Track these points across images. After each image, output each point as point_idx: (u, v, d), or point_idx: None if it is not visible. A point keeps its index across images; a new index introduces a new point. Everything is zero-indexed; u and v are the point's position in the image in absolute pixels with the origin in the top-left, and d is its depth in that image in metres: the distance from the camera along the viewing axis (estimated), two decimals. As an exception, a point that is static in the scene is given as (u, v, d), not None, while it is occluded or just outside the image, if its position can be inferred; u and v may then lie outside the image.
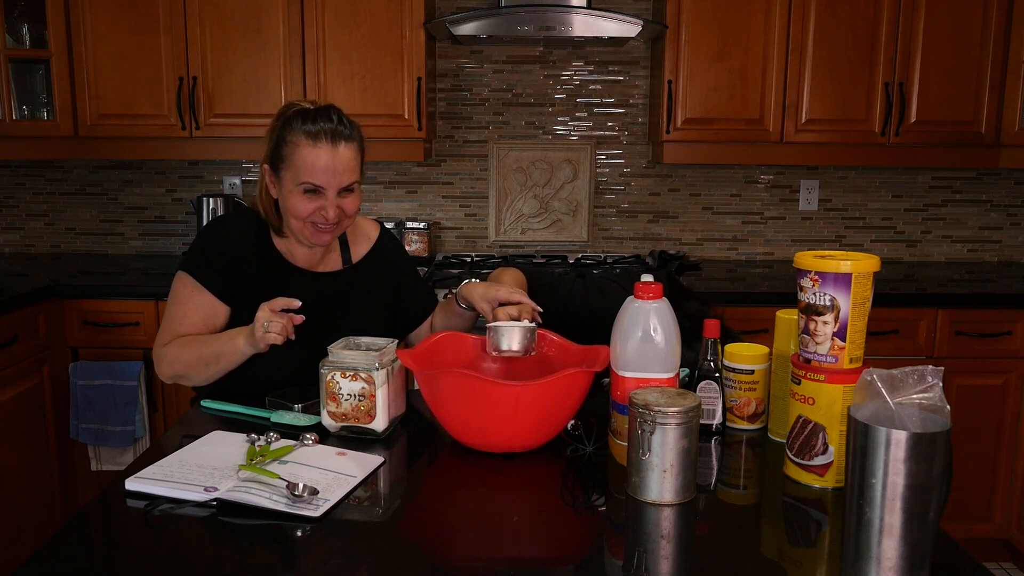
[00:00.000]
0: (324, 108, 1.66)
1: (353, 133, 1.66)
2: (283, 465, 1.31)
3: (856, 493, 1.02)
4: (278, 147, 1.65)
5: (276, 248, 1.75)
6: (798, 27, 2.95)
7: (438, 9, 3.26)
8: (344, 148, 1.63)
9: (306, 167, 1.61)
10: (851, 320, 1.23)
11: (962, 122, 3.01)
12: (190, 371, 1.64)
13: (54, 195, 3.42)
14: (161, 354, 1.67)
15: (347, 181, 1.64)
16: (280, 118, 1.68)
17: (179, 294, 1.69)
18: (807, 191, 3.39)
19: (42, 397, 2.72)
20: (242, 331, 1.58)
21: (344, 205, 1.65)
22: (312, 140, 1.61)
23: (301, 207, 1.63)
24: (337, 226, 1.67)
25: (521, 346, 1.51)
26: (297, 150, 1.61)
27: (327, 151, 1.61)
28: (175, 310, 1.69)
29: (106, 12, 2.94)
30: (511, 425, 1.35)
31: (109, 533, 1.17)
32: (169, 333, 1.68)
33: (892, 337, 2.78)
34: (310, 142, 1.61)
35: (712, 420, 1.49)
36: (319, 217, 1.64)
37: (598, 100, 3.36)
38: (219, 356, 1.60)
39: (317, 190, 1.62)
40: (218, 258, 1.69)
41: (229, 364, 1.61)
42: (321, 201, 1.62)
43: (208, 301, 1.67)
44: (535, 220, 3.40)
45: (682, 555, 1.11)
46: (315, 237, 1.67)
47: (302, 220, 1.64)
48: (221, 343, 1.61)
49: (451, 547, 1.12)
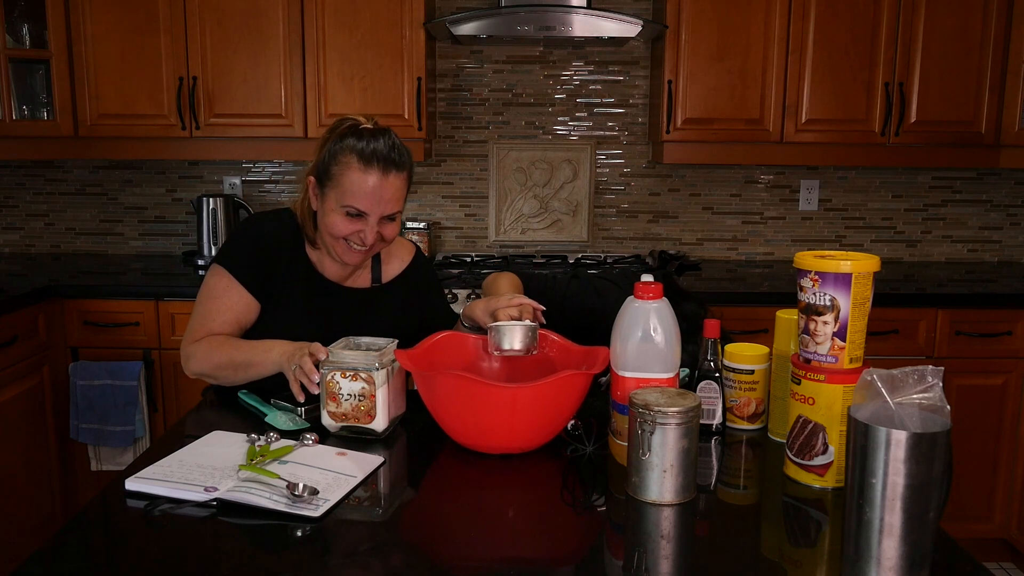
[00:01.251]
0: (380, 130, 1.63)
1: (404, 161, 1.63)
2: (283, 465, 1.31)
3: (856, 493, 1.02)
4: (327, 164, 1.61)
5: (308, 256, 1.73)
6: (798, 27, 2.95)
7: (438, 9, 3.26)
8: (394, 177, 1.60)
9: (352, 191, 1.58)
10: (851, 320, 1.23)
11: (962, 122, 3.01)
12: (219, 373, 1.62)
13: (54, 195, 3.42)
14: (192, 350, 1.64)
15: (391, 210, 1.61)
16: (333, 131, 1.65)
17: (213, 289, 1.67)
18: (807, 191, 3.39)
19: (42, 397, 2.72)
20: (277, 346, 1.56)
21: (384, 231, 1.63)
22: (364, 165, 1.57)
23: (340, 227, 1.60)
24: (370, 249, 1.65)
25: (523, 345, 1.51)
26: (347, 172, 1.58)
27: (376, 178, 1.57)
28: (209, 305, 1.66)
29: (106, 12, 2.94)
30: (508, 427, 1.35)
31: (109, 533, 1.17)
32: (201, 329, 1.65)
33: (892, 337, 2.78)
34: (361, 166, 1.57)
35: (712, 420, 1.49)
36: (356, 239, 1.62)
37: (598, 100, 3.36)
38: (250, 364, 1.58)
39: (360, 214, 1.60)
40: (254, 255, 1.67)
41: (259, 374, 1.59)
42: (361, 225, 1.60)
43: (243, 297, 1.65)
44: (535, 220, 3.40)
45: (682, 555, 1.11)
46: (346, 255, 1.65)
47: (337, 238, 1.63)
48: (255, 352, 1.58)
49: (451, 547, 1.12)
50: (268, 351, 1.56)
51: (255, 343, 1.61)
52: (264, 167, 3.39)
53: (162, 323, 2.78)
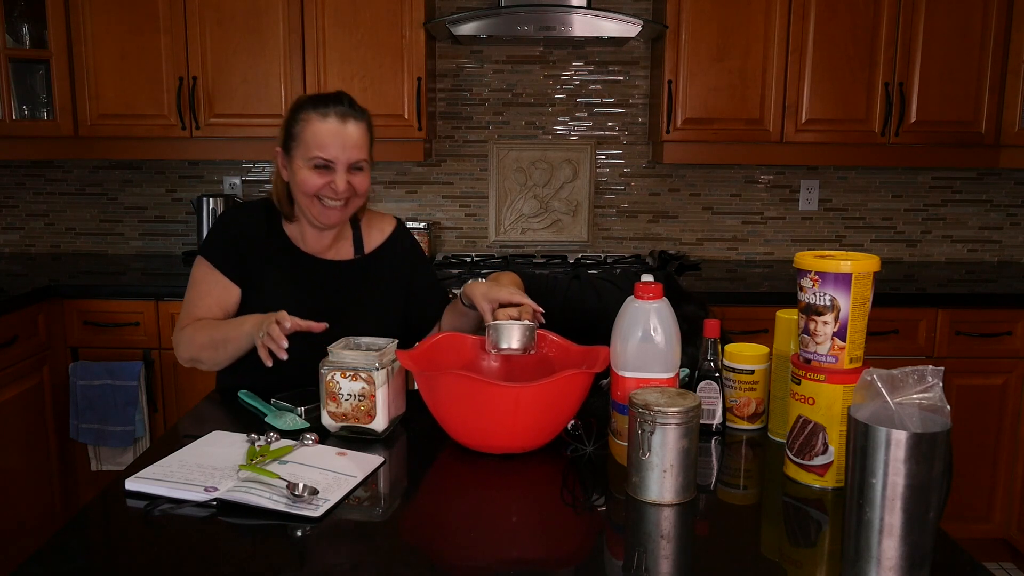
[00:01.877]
0: (335, 93, 1.71)
1: (361, 113, 1.70)
2: (283, 465, 1.31)
3: (856, 493, 1.02)
4: (289, 128, 1.68)
5: (286, 234, 1.78)
6: (798, 27, 2.95)
7: (438, 9, 3.26)
8: (353, 125, 1.66)
9: (316, 141, 1.64)
10: (851, 320, 1.23)
11: (962, 122, 3.01)
12: (202, 354, 1.69)
13: (54, 195, 3.42)
14: (179, 337, 1.71)
15: (356, 157, 1.66)
16: (292, 106, 1.72)
17: (195, 278, 1.75)
18: (807, 191, 3.39)
19: (42, 397, 2.72)
20: (250, 318, 1.63)
21: (353, 182, 1.67)
22: (321, 116, 1.64)
23: (311, 182, 1.65)
24: (345, 206, 1.69)
25: (520, 344, 1.51)
26: (307, 126, 1.65)
27: (335, 125, 1.64)
28: (191, 294, 1.74)
29: (106, 12, 2.94)
30: (511, 427, 1.35)
31: (109, 533, 1.17)
32: (187, 317, 1.73)
33: (892, 337, 2.78)
34: (320, 117, 1.64)
35: (712, 420, 1.49)
36: (328, 192, 1.66)
37: (598, 100, 3.36)
38: (227, 340, 1.64)
39: (327, 165, 1.64)
40: (230, 242, 1.74)
41: (236, 349, 1.64)
42: (330, 176, 1.65)
43: (220, 282, 1.72)
44: (535, 220, 3.40)
45: (682, 555, 1.11)
46: (323, 215, 1.68)
47: (310, 196, 1.66)
48: (230, 328, 1.65)
49: (451, 547, 1.12)
50: (240, 325, 1.63)
51: (231, 320, 1.68)
52: (264, 167, 3.39)
53: (162, 323, 2.78)
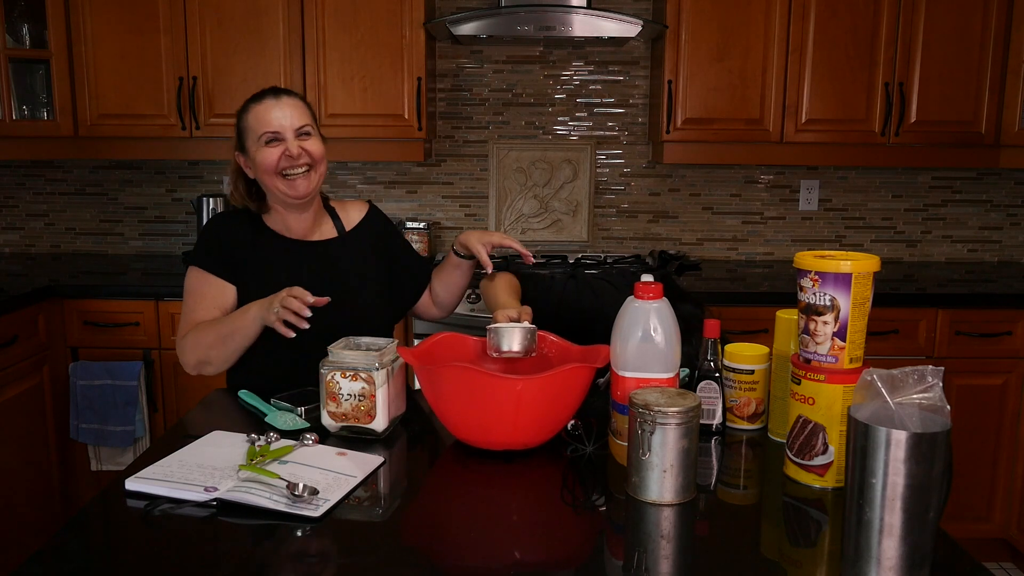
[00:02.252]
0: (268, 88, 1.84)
1: (294, 93, 1.82)
2: (283, 465, 1.31)
3: (856, 493, 1.02)
4: (237, 128, 1.81)
5: (269, 227, 1.85)
6: (798, 27, 2.95)
7: (438, 9, 3.26)
8: (287, 98, 1.78)
9: (258, 121, 1.75)
10: (851, 320, 1.23)
11: (962, 122, 3.01)
12: (211, 352, 1.71)
13: (54, 195, 3.42)
14: (182, 344, 1.74)
15: (299, 123, 1.76)
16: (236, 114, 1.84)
17: (190, 286, 1.80)
18: (807, 191, 3.39)
19: (42, 397, 2.72)
20: (253, 304, 1.67)
21: (305, 146, 1.76)
22: (256, 101, 1.78)
23: (268, 158, 1.74)
24: (308, 173, 1.77)
25: (521, 347, 1.51)
26: (248, 115, 1.78)
27: (271, 101, 1.77)
28: (188, 301, 1.79)
29: (106, 12, 2.94)
30: (512, 422, 1.34)
31: (109, 533, 1.17)
32: (186, 324, 1.77)
33: (892, 337, 2.78)
34: (254, 103, 1.78)
35: (712, 420, 1.49)
36: (286, 161, 1.74)
37: (598, 100, 3.36)
38: (234, 331, 1.68)
39: (276, 137, 1.74)
40: (217, 245, 1.80)
41: (244, 338, 1.68)
42: (283, 146, 1.74)
43: (215, 284, 1.77)
44: (535, 220, 3.40)
45: (682, 555, 1.11)
46: (291, 188, 1.76)
47: (273, 172, 1.74)
48: (235, 319, 1.69)
49: (451, 547, 1.12)
50: (245, 312, 1.67)
51: (234, 312, 1.72)
52: (264, 167, 3.39)
53: (162, 323, 2.78)
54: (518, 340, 1.51)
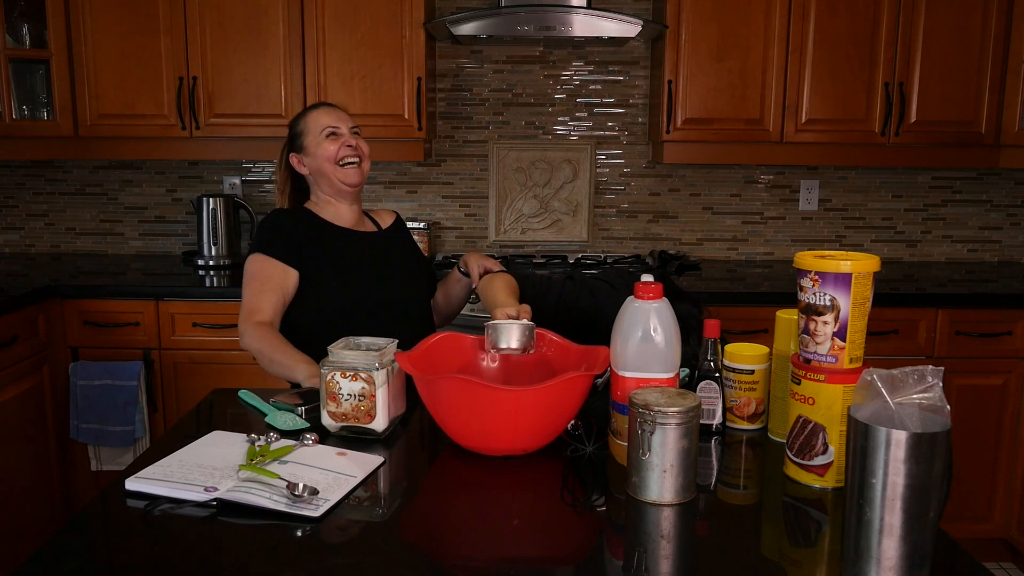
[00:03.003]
0: None
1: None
2: (283, 465, 1.31)
3: (856, 493, 1.02)
4: (293, 131, 2.05)
5: (322, 218, 2.04)
6: (798, 27, 2.95)
7: (438, 9, 3.26)
8: (336, 107, 2.07)
9: (319, 121, 2.02)
10: (851, 320, 1.23)
11: (962, 122, 3.01)
12: (259, 359, 1.86)
13: (54, 195, 3.42)
14: (244, 328, 1.87)
15: (351, 123, 2.04)
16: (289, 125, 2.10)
17: (252, 271, 1.94)
18: (807, 191, 3.39)
19: (42, 397, 2.72)
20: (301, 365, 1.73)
21: (359, 144, 2.02)
22: (313, 108, 2.07)
23: (329, 148, 1.98)
24: (360, 165, 2.01)
25: (519, 344, 1.51)
26: (308, 120, 2.03)
27: (327, 108, 2.06)
28: (253, 285, 1.92)
29: (106, 12, 2.94)
30: (511, 430, 1.35)
31: (109, 533, 1.17)
32: (249, 305, 1.90)
33: (892, 337, 2.78)
34: (312, 110, 2.06)
35: (712, 420, 1.49)
36: (345, 151, 1.98)
37: (598, 100, 3.36)
38: (281, 366, 1.77)
39: (335, 132, 2.00)
40: (279, 233, 1.97)
41: (280, 375, 1.80)
42: (342, 139, 2.00)
43: (278, 268, 1.92)
44: (535, 220, 3.40)
45: (682, 555, 1.11)
46: (347, 176, 1.99)
47: (333, 162, 1.98)
48: (285, 357, 1.77)
49: (451, 547, 1.12)
50: (295, 365, 1.75)
51: (291, 353, 1.79)
52: (264, 167, 3.39)
53: (162, 323, 2.78)
54: (516, 336, 1.51)
